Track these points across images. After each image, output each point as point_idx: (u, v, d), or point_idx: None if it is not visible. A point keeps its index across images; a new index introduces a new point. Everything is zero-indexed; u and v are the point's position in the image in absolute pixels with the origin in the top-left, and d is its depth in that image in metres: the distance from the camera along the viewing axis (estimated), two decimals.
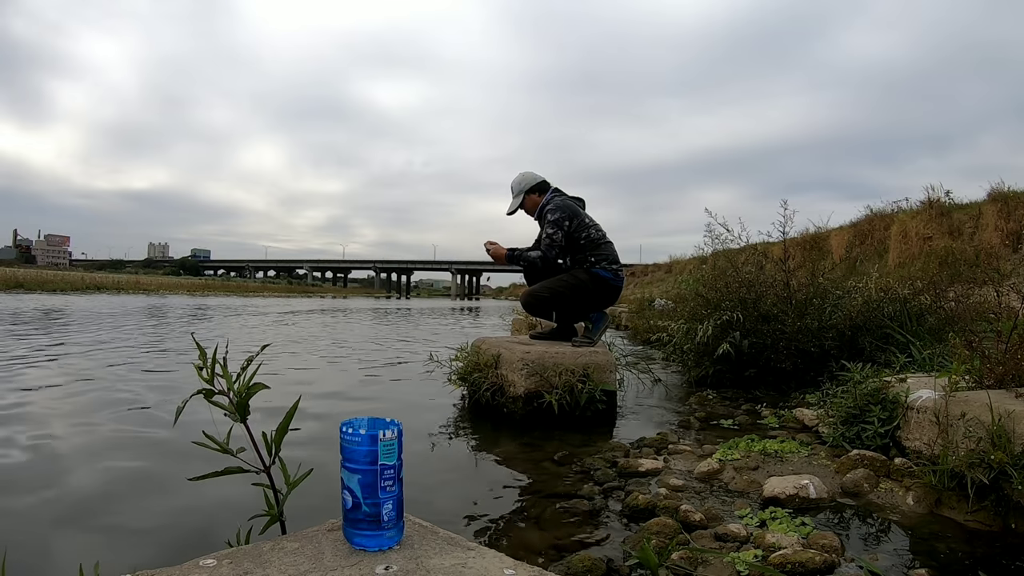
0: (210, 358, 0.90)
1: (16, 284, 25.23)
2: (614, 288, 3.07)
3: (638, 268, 24.98)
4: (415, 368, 4.16)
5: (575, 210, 3.07)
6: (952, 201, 8.47)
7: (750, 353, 3.17)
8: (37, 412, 2.52)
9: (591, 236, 3.04)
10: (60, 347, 5.04)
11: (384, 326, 9.85)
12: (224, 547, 0.81)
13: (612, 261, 3.05)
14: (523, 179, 3.20)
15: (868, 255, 9.31)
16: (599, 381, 2.53)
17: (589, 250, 3.03)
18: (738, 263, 3.65)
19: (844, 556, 1.20)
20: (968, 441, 1.40)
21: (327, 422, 2.44)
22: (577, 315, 3.14)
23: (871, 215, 10.06)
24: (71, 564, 0.97)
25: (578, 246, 3.04)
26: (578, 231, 3.02)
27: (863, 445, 1.81)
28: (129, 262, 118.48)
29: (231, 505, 1.46)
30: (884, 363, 2.50)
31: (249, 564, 0.72)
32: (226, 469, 0.92)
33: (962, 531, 1.32)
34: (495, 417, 2.57)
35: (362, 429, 0.76)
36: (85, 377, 3.48)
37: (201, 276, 73.89)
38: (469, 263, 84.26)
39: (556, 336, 3.12)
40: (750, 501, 1.52)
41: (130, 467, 1.85)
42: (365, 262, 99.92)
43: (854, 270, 7.66)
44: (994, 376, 1.62)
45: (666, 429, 2.38)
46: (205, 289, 35.97)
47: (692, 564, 1.15)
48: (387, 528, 0.76)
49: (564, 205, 3.05)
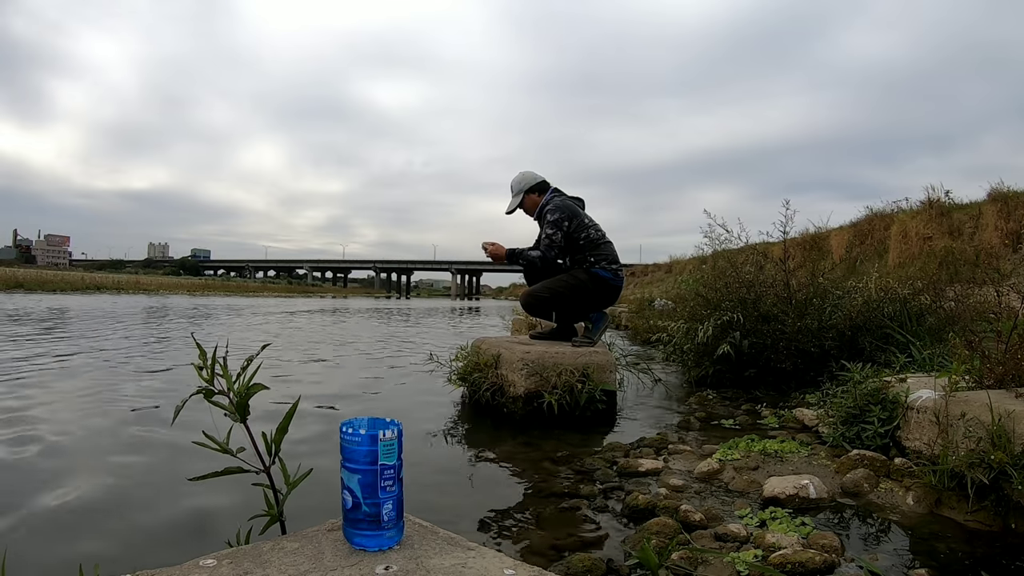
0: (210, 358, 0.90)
1: (16, 284, 25.23)
2: (614, 288, 3.07)
3: (638, 268, 24.98)
4: (415, 368, 4.16)
5: (574, 210, 3.07)
6: (952, 201, 8.47)
7: (750, 353, 3.17)
8: (37, 413, 2.52)
9: (590, 236, 3.04)
10: (60, 348, 5.04)
11: (384, 326, 9.85)
12: (224, 547, 0.81)
13: (612, 261, 3.05)
14: (523, 179, 3.19)
15: (868, 255, 9.31)
16: (599, 381, 2.53)
17: (589, 250, 3.03)
18: (738, 263, 3.65)
19: (844, 556, 1.20)
20: (968, 441, 1.40)
21: (327, 422, 2.44)
22: (577, 315, 3.14)
23: (871, 215, 10.06)
24: (71, 564, 0.97)
25: (577, 246, 3.04)
26: (577, 231, 3.03)
27: (863, 445, 1.80)
28: (129, 262, 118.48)
29: (231, 505, 1.46)
30: (884, 363, 2.50)
31: (249, 564, 0.72)
32: (226, 469, 0.91)
33: (962, 531, 1.32)
34: (495, 417, 2.57)
35: (362, 429, 0.76)
36: (85, 378, 3.48)
37: (201, 276, 73.88)
38: (469, 263, 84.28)
39: (556, 336, 3.12)
40: (750, 501, 1.52)
41: (130, 467, 1.84)
42: (365, 262, 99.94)
43: (854, 270, 7.66)
44: (994, 376, 1.62)
45: (666, 429, 2.38)
46: (205, 289, 35.97)
47: (692, 564, 1.15)
48: (387, 528, 0.76)
49: (563, 205, 3.05)
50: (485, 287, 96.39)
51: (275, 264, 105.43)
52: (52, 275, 33.22)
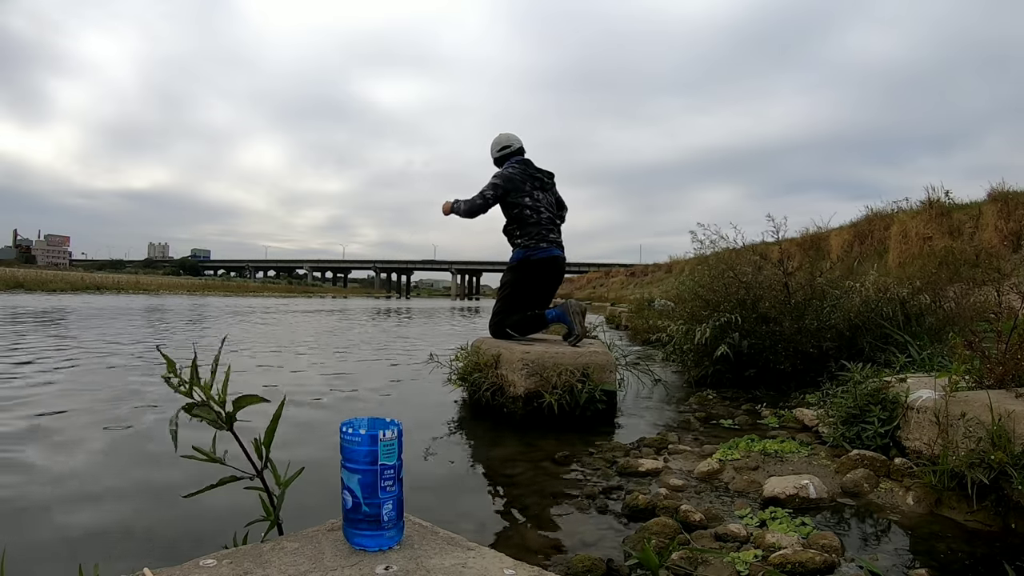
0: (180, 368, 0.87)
1: (16, 284, 25.22)
2: (538, 264, 3.10)
3: (638, 268, 24.97)
4: (415, 368, 4.16)
5: (516, 184, 3.16)
6: (952, 201, 8.46)
7: (749, 354, 3.17)
8: (37, 413, 2.52)
9: (523, 214, 3.13)
10: (61, 348, 5.04)
11: (384, 326, 9.85)
12: (223, 548, 0.81)
13: (531, 237, 3.11)
14: (492, 146, 3.38)
15: (868, 255, 9.30)
16: (599, 381, 2.53)
17: (516, 224, 3.16)
18: (735, 264, 3.65)
19: (844, 556, 1.20)
20: (968, 441, 1.40)
21: (327, 422, 2.44)
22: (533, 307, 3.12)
23: (871, 215, 10.05)
24: (71, 564, 0.97)
25: (511, 216, 3.18)
26: (513, 197, 3.14)
27: (863, 445, 1.80)
28: (129, 262, 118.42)
29: (229, 508, 1.46)
30: (884, 363, 2.50)
31: (249, 564, 0.72)
32: (220, 481, 0.89)
33: (962, 531, 1.32)
34: (495, 417, 2.57)
35: (362, 429, 0.75)
36: (85, 378, 3.48)
37: (201, 276, 73.82)
38: (469, 263, 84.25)
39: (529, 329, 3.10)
40: (750, 501, 1.52)
41: (131, 467, 1.85)
42: (365, 262, 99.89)
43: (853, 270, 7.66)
44: (994, 376, 1.62)
45: (666, 429, 2.38)
46: (205, 289, 35.96)
47: (692, 564, 1.15)
48: (387, 528, 0.76)
49: (508, 175, 3.17)
50: (485, 287, 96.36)
51: (275, 264, 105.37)
52: (52, 275, 33.20)
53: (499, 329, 3.10)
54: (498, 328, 3.11)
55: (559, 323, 3.03)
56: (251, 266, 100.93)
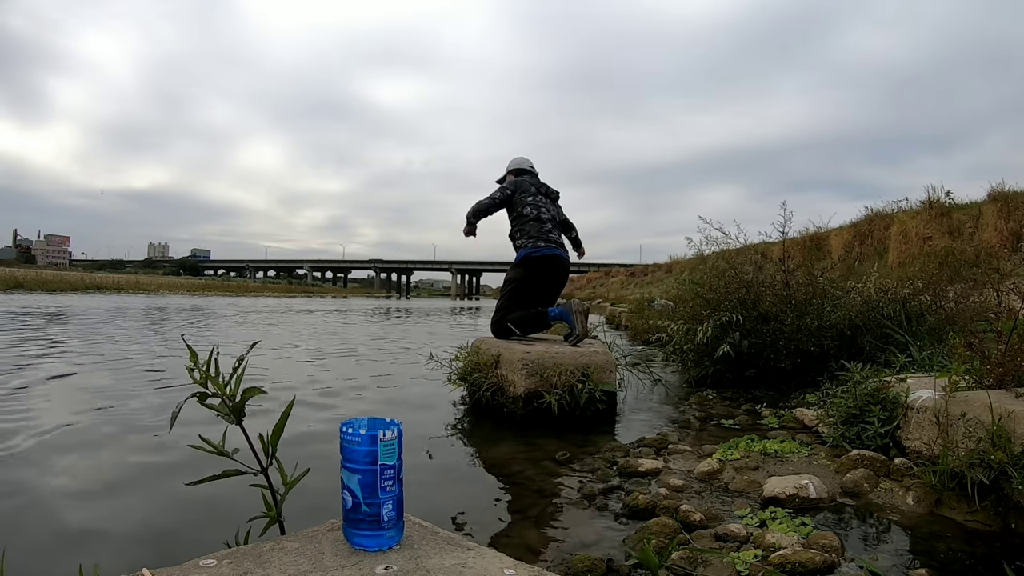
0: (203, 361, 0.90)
1: (16, 284, 25.21)
2: (541, 260, 3.15)
3: (638, 268, 24.96)
4: (415, 368, 4.15)
5: (524, 187, 3.33)
6: (952, 201, 8.46)
7: (750, 353, 3.17)
8: (36, 414, 2.52)
9: (525, 212, 3.24)
10: (61, 348, 5.04)
11: (384, 326, 9.85)
12: (223, 548, 0.81)
13: (530, 236, 3.18)
14: (510, 164, 3.57)
15: (868, 255, 9.30)
16: (599, 381, 2.53)
17: (518, 224, 3.26)
18: (736, 263, 3.65)
19: (844, 556, 1.20)
20: (968, 441, 1.40)
21: (327, 422, 2.44)
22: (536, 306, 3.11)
23: (871, 215, 10.04)
24: (71, 564, 0.97)
25: (514, 217, 3.29)
26: (519, 199, 3.28)
27: (863, 445, 1.80)
28: (129, 262, 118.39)
29: (230, 506, 1.46)
30: (884, 363, 2.50)
31: (249, 564, 0.72)
32: (223, 473, 0.91)
33: (962, 531, 1.32)
34: (495, 417, 2.57)
35: (362, 429, 0.76)
36: (85, 377, 3.48)
37: (201, 276, 73.82)
38: (469, 263, 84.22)
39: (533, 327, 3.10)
40: (750, 501, 1.52)
41: (130, 467, 1.85)
42: (365, 262, 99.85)
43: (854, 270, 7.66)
44: (994, 376, 1.62)
45: (666, 429, 2.38)
46: (205, 289, 35.95)
47: (692, 564, 1.15)
48: (387, 528, 0.76)
49: (517, 181, 3.37)
50: (485, 287, 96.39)
51: (275, 264, 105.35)
52: (52, 275, 33.20)
53: (501, 326, 3.10)
54: (500, 325, 3.11)
55: (561, 321, 3.02)
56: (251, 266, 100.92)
